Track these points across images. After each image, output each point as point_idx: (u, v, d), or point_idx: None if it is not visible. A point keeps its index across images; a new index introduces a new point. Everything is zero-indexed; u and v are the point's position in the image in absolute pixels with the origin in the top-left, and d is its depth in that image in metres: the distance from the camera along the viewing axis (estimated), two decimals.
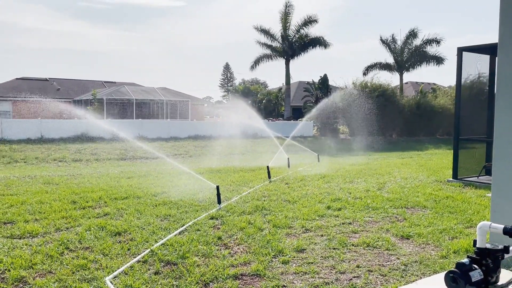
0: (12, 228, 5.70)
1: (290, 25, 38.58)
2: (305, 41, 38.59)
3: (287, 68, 39.63)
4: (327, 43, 38.70)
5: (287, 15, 38.31)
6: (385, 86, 32.59)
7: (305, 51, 39.17)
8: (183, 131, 27.85)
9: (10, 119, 29.78)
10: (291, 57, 39.34)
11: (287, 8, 38.17)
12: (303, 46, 38.77)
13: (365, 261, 4.54)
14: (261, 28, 38.59)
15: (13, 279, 3.99)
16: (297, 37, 38.73)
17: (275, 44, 39.31)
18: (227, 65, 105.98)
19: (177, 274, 4.15)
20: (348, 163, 15.42)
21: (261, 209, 6.92)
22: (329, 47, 38.84)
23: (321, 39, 38.62)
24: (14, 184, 9.76)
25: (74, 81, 43.53)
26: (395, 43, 38.88)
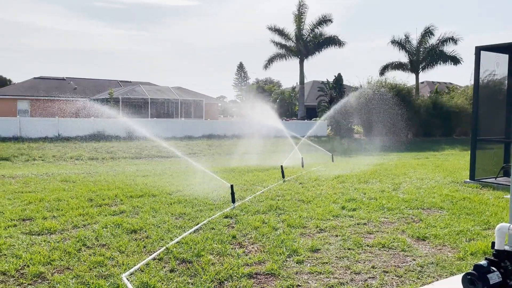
0: (30, 225, 5.81)
1: (304, 24, 38.50)
2: (319, 41, 38.45)
3: (301, 68, 39.54)
4: (341, 42, 38.51)
5: (301, 14, 38.22)
6: (400, 86, 32.30)
7: (320, 50, 39.04)
8: (197, 130, 28.02)
9: (28, 117, 30.33)
10: (305, 57, 39.23)
11: (301, 8, 38.07)
12: (318, 46, 38.63)
13: (380, 262, 4.51)
14: (275, 28, 38.58)
15: (32, 274, 4.07)
16: (311, 36, 38.61)
17: (289, 44, 39.26)
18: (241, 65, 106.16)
19: (192, 272, 4.18)
20: (363, 163, 15.31)
21: (275, 208, 6.92)
22: (344, 46, 38.62)
23: (336, 38, 38.45)
24: (32, 181, 9.94)
25: (91, 80, 44.13)
26: (409, 42, 38.37)
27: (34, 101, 37.84)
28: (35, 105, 37.51)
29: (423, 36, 37.76)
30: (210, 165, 14.24)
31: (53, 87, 40.23)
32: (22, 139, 22.09)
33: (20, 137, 22.33)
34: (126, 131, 24.82)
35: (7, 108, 36.08)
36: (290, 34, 38.80)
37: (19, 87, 40.69)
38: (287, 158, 14.25)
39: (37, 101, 37.78)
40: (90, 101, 37.99)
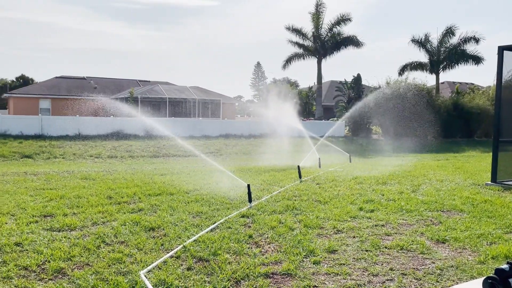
0: (51, 221, 5.93)
1: (322, 24, 38.25)
2: (337, 40, 38.16)
3: (319, 67, 39.33)
4: (360, 42, 38.14)
5: (319, 14, 38.00)
6: (420, 86, 31.82)
7: (338, 50, 38.74)
8: (214, 130, 28.14)
9: (50, 116, 30.95)
10: (323, 56, 38.99)
11: (318, 7, 37.86)
12: (336, 45, 38.35)
13: (398, 264, 4.45)
14: (293, 28, 38.44)
15: (53, 270, 4.16)
16: (330, 36, 38.35)
17: (307, 43, 39.08)
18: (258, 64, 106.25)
19: (209, 271, 4.20)
20: (381, 164, 15.15)
21: (292, 208, 6.91)
22: (362, 47, 38.24)
23: (354, 38, 38.10)
24: (53, 178, 10.15)
25: (110, 79, 44.78)
26: (429, 42, 37.73)
27: (55, 100, 38.60)
28: (57, 104, 38.26)
29: (444, 35, 37.08)
30: (227, 165, 14.28)
31: (74, 86, 40.97)
32: (43, 137, 22.56)
33: (42, 135, 22.81)
34: (145, 130, 25.10)
35: (30, 107, 36.90)
36: (308, 34, 38.62)
37: (41, 86, 41.59)
38: (304, 158, 14.20)
39: (59, 100, 38.53)
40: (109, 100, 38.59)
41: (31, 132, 22.75)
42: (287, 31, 38.76)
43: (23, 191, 8.33)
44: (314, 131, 23.91)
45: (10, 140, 20.82)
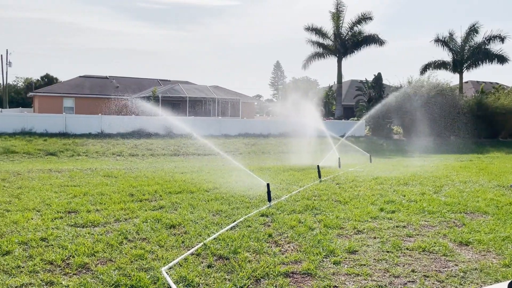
0: (75, 217, 6.07)
1: (342, 22, 37.91)
2: (358, 39, 37.76)
3: (339, 66, 39.01)
4: (381, 41, 37.64)
5: (339, 12, 37.68)
6: (443, 85, 31.21)
7: (358, 49, 38.33)
8: (233, 129, 28.22)
9: (74, 114, 31.61)
10: (343, 55, 38.65)
11: (339, 6, 37.54)
12: (356, 44, 37.95)
13: (420, 266, 4.39)
14: (313, 27, 38.21)
15: (77, 265, 4.26)
16: (350, 34, 37.98)
17: (327, 42, 38.79)
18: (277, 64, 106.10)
19: (229, 269, 4.23)
20: (402, 165, 14.94)
21: (311, 208, 6.88)
22: (384, 45, 37.72)
23: (375, 36, 37.62)
24: (77, 176, 10.37)
25: (132, 79, 45.42)
26: (453, 40, 36.98)
27: (79, 98, 39.39)
28: (80, 103, 39.04)
29: (467, 34, 36.28)
30: (246, 164, 14.32)
31: (97, 85, 41.73)
32: (67, 135, 23.06)
33: (66, 133, 23.32)
34: (165, 128, 25.38)
35: (54, 105, 37.75)
36: (328, 33, 38.33)
37: (65, 85, 42.49)
38: (324, 158, 14.13)
39: (82, 99, 39.31)
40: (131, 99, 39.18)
41: (55, 130, 23.28)
42: (306, 31, 38.56)
43: (48, 187, 8.54)
44: (334, 131, 23.73)
45: (35, 138, 21.36)
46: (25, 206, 6.74)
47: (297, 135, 28.29)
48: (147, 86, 41.61)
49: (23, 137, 21.24)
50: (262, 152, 23.39)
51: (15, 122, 22.88)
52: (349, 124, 31.82)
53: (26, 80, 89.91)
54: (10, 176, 9.99)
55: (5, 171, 11.25)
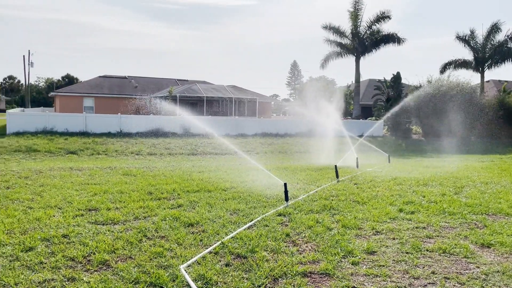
0: (96, 215, 6.17)
1: (361, 21, 37.58)
2: (376, 38, 37.38)
3: (357, 66, 38.68)
4: (400, 40, 37.17)
5: (357, 11, 37.35)
6: (463, 85, 30.62)
7: (377, 48, 37.95)
8: (250, 128, 28.26)
9: (93, 114, 32.12)
10: (361, 54, 38.31)
11: (356, 4, 37.20)
12: (375, 43, 37.57)
13: (441, 268, 4.32)
14: (330, 26, 37.97)
15: (98, 261, 4.33)
16: (368, 33, 37.62)
17: (344, 41, 38.51)
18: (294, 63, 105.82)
19: (247, 267, 4.24)
20: (422, 165, 14.72)
21: (329, 208, 6.85)
22: (403, 44, 37.23)
23: (394, 35, 37.17)
24: (97, 174, 10.54)
25: (150, 79, 45.94)
26: (475, 39, 36.25)
27: (98, 98, 40.03)
28: (100, 102, 39.67)
29: (489, 32, 35.53)
30: (263, 163, 14.33)
31: (116, 85, 42.35)
32: (87, 134, 23.47)
33: (86, 132, 23.74)
34: (183, 128, 25.58)
35: (75, 105, 38.46)
36: (345, 32, 38.04)
37: (85, 85, 43.24)
38: (341, 158, 14.03)
39: (101, 99, 39.94)
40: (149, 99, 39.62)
41: (76, 129, 23.72)
42: (324, 30, 38.35)
43: (69, 185, 8.70)
44: (352, 131, 23.54)
45: (57, 137, 21.80)
46: (47, 203, 6.89)
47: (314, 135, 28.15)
48: (165, 86, 42.02)
49: (45, 136, 21.70)
50: (279, 151, 23.37)
51: (37, 121, 23.40)
52: (367, 124, 31.52)
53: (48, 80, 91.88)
54: (32, 174, 10.22)
55: (28, 169, 11.51)
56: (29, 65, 58.53)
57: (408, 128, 32.12)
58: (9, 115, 23.66)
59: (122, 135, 23.78)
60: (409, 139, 30.27)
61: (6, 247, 4.68)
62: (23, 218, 5.88)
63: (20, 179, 9.43)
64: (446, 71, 37.18)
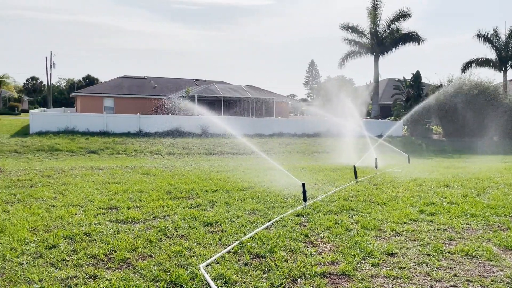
0: (116, 213, 6.27)
1: (380, 20, 37.17)
2: (396, 37, 36.93)
3: (375, 65, 38.28)
4: (420, 39, 36.63)
5: (376, 10, 36.95)
6: (485, 84, 29.98)
7: (396, 47, 37.48)
8: (267, 128, 28.27)
9: (113, 114, 32.61)
10: (380, 54, 37.89)
11: (375, 3, 36.80)
12: (394, 42, 37.12)
13: (463, 271, 4.24)
14: (349, 26, 37.68)
15: (119, 259, 4.40)
16: (388, 32, 37.19)
17: (363, 41, 38.15)
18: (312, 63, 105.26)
19: (265, 267, 4.25)
20: (442, 166, 14.48)
21: (348, 209, 6.79)
22: (423, 43, 36.66)
23: (414, 34, 36.64)
24: (117, 173, 10.70)
25: (169, 79, 46.40)
26: (497, 37, 35.42)
27: (118, 98, 40.63)
28: (119, 102, 40.26)
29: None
30: (281, 163, 14.31)
31: (135, 85, 42.91)
32: (107, 134, 23.85)
33: (106, 132, 24.13)
34: (201, 128, 25.76)
35: (95, 105, 39.12)
36: (364, 31, 37.69)
37: (105, 85, 43.94)
38: (360, 159, 13.90)
39: (121, 99, 40.52)
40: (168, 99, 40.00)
41: (96, 129, 24.13)
42: (342, 29, 38.07)
43: (91, 184, 8.86)
44: (371, 131, 23.31)
45: (78, 137, 22.21)
46: (69, 202, 7.03)
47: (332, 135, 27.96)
48: (183, 86, 42.36)
49: (66, 136, 22.14)
50: (296, 151, 23.30)
51: (59, 121, 23.90)
52: (386, 124, 31.15)
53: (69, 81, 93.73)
54: (55, 173, 10.44)
55: (50, 168, 11.77)
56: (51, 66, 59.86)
57: (428, 128, 31.61)
58: (32, 115, 24.22)
59: (141, 135, 24.08)
60: (429, 139, 29.79)
61: (30, 245, 4.80)
62: (46, 216, 6.02)
63: (43, 178, 9.64)
64: (468, 70, 36.46)
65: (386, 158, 15.82)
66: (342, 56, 39.46)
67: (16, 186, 8.50)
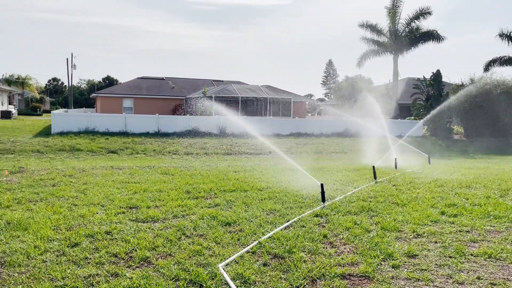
0: (136, 213, 6.35)
1: (399, 18, 36.70)
2: (415, 35, 36.40)
3: (395, 64, 37.82)
4: (441, 37, 36.03)
5: (395, 8, 36.48)
6: (508, 83, 29.26)
7: (416, 45, 36.95)
8: (285, 128, 28.19)
9: (132, 114, 33.03)
10: (399, 52, 37.40)
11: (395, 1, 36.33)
12: (414, 41, 36.60)
13: (486, 273, 4.15)
14: (367, 24, 37.33)
15: (139, 258, 4.45)
16: (407, 31, 36.69)
17: (382, 39, 37.74)
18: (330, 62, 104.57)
19: (284, 268, 4.24)
20: (464, 166, 14.21)
21: (367, 210, 6.72)
22: (443, 41, 36.05)
23: (434, 32, 36.07)
24: (137, 173, 10.83)
25: (186, 80, 46.74)
26: None
27: (137, 99, 41.14)
28: (138, 103, 40.75)
29: None
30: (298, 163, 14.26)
31: (154, 86, 43.37)
32: (127, 134, 24.18)
33: (125, 132, 24.46)
34: (219, 128, 25.86)
35: (115, 106, 39.69)
36: (383, 30, 37.28)
37: (124, 86, 44.55)
38: (379, 159, 13.74)
39: (140, 99, 41.02)
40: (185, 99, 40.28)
41: (116, 129, 24.48)
42: (361, 28, 37.78)
43: (111, 183, 8.99)
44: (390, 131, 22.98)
45: (98, 137, 22.57)
46: (91, 201, 7.15)
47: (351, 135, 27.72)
48: (201, 86, 42.61)
49: (87, 136, 22.53)
50: (314, 152, 23.18)
51: (79, 121, 24.34)
52: (405, 124, 30.72)
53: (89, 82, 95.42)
54: (76, 173, 10.63)
55: (72, 167, 11.99)
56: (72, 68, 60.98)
57: (449, 128, 31.05)
58: (54, 116, 24.72)
59: (160, 135, 24.33)
60: (450, 140, 29.26)
61: (53, 243, 4.90)
62: (68, 215, 6.13)
63: (65, 177, 9.83)
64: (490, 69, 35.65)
65: (406, 159, 15.59)
66: (361, 55, 39.13)
67: (39, 185, 8.68)
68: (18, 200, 7.11)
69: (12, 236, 5.14)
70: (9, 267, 4.20)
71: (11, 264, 4.25)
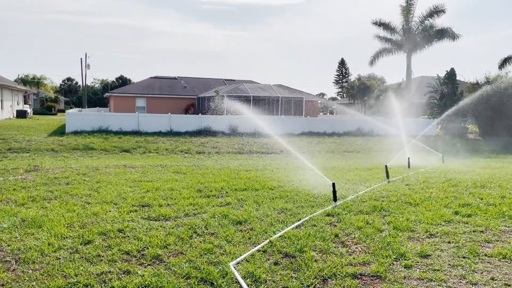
0: (148, 211, 6.40)
1: (413, 16, 36.30)
2: (429, 33, 35.95)
3: (408, 62, 37.42)
4: (455, 35, 35.53)
5: (409, 6, 36.09)
6: None
7: (429, 44, 36.50)
8: (297, 127, 28.11)
9: (145, 114, 33.26)
10: (413, 51, 37.00)
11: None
12: (427, 39, 36.15)
13: (501, 274, 4.09)
14: (381, 22, 36.99)
15: (151, 256, 4.49)
16: (421, 29, 36.27)
17: (395, 38, 37.37)
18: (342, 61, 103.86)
19: (295, 267, 4.23)
20: (478, 166, 14.00)
21: (379, 209, 6.67)
22: (458, 39, 35.54)
23: (448, 30, 35.57)
24: (149, 172, 10.92)
25: (199, 79, 46.89)
26: None
27: (150, 98, 41.41)
28: (151, 102, 41.03)
29: None
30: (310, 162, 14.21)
31: (166, 85, 43.61)
32: (139, 133, 24.37)
33: (138, 131, 24.65)
34: (230, 127, 25.91)
35: (128, 105, 40.02)
36: (396, 28, 36.91)
37: (137, 86, 44.88)
38: (392, 158, 13.62)
39: (153, 99, 41.29)
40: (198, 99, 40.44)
41: (129, 129, 24.69)
42: (374, 26, 37.44)
43: (124, 182, 9.08)
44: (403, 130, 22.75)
45: (111, 136, 22.79)
46: (104, 199, 7.23)
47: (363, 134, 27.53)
48: (213, 86, 42.72)
49: (100, 135, 22.76)
50: (326, 151, 23.07)
51: (93, 121, 24.60)
52: (419, 122, 30.39)
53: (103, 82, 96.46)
54: (89, 171, 10.76)
55: (85, 166, 12.13)
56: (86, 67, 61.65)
57: (464, 127, 30.62)
58: (68, 115, 25.04)
59: (172, 134, 24.47)
60: (465, 139, 28.85)
61: (66, 240, 4.96)
62: (82, 213, 6.21)
63: (79, 175, 9.95)
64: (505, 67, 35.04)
65: (419, 158, 15.42)
66: (374, 54, 38.79)
67: (53, 183, 8.81)
68: (32, 198, 7.22)
69: (27, 233, 5.22)
70: (24, 264, 4.27)
71: (26, 261, 4.32)
